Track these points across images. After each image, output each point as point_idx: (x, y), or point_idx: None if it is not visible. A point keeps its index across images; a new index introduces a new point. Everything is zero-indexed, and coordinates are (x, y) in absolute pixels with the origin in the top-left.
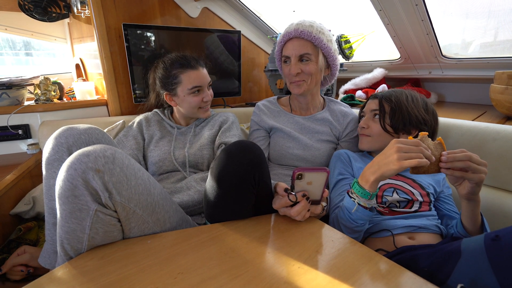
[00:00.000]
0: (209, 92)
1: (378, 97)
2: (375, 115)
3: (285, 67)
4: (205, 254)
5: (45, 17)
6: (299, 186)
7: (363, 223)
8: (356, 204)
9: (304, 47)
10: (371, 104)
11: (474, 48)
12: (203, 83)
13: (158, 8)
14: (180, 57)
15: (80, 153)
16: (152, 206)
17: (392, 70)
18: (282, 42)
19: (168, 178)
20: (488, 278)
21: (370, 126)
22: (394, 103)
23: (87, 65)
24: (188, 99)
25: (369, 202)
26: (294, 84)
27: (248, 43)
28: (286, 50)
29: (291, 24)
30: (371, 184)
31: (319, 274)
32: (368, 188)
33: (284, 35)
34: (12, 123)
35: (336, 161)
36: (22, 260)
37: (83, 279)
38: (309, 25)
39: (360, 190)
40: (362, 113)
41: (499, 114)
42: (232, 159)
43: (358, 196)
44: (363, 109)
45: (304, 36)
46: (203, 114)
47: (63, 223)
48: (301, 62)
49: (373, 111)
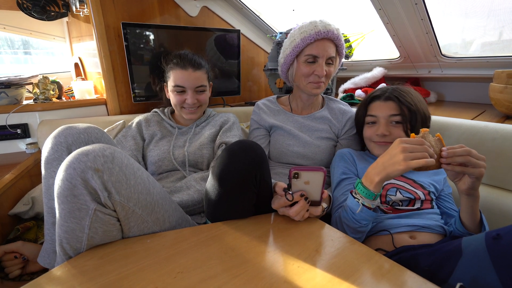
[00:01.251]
0: (197, 95)
1: (394, 100)
2: (394, 121)
3: (305, 66)
4: (205, 253)
5: (43, 16)
6: (297, 186)
7: (367, 224)
8: (360, 204)
9: (333, 49)
10: (385, 108)
11: (474, 47)
12: (187, 85)
13: (157, 7)
14: (178, 55)
15: (79, 152)
16: (152, 205)
17: (391, 69)
18: (310, 39)
19: (168, 177)
20: (490, 277)
21: (392, 133)
22: (411, 105)
23: (86, 64)
24: (172, 95)
25: (373, 202)
26: (315, 85)
27: (247, 42)
28: (315, 49)
29: (313, 21)
30: (376, 185)
31: (319, 273)
32: (373, 189)
33: (317, 32)
34: (11, 122)
35: (339, 160)
36: (14, 246)
37: (82, 278)
38: (335, 28)
39: (364, 191)
40: (372, 119)
41: (498, 113)
42: (234, 158)
43: (362, 197)
44: (372, 114)
45: (335, 39)
46: (186, 115)
47: (62, 223)
48: (326, 64)
49: (392, 116)
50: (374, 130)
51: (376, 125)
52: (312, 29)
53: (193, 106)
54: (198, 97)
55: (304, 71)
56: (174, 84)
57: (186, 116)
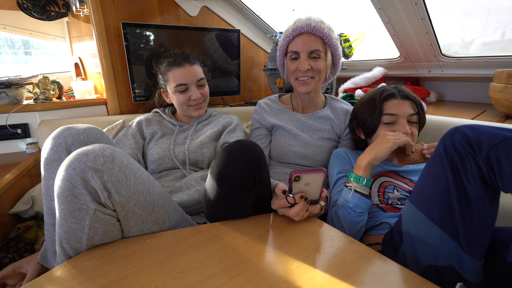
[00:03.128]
0: (199, 90)
1: (411, 98)
2: (412, 121)
3: (291, 63)
4: (205, 253)
5: (44, 16)
6: (297, 188)
7: (362, 213)
8: (352, 190)
9: (315, 43)
10: (404, 106)
11: (474, 47)
12: (188, 81)
13: (157, 7)
14: (169, 55)
15: (79, 153)
16: (152, 205)
17: (391, 69)
18: (290, 36)
19: (167, 175)
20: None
21: (413, 132)
22: (419, 103)
23: (86, 64)
24: (175, 96)
25: (365, 188)
26: (301, 82)
27: (247, 42)
28: (295, 45)
29: (298, 19)
30: (365, 169)
31: (319, 273)
32: (362, 173)
33: (294, 29)
34: (11, 122)
35: (335, 160)
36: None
37: (82, 278)
38: (320, 21)
39: (355, 176)
40: (392, 118)
41: (498, 112)
42: (232, 158)
43: (353, 183)
44: (391, 113)
45: (316, 32)
46: (194, 112)
47: (62, 223)
48: (310, 58)
49: (412, 115)
50: (396, 130)
51: (394, 125)
52: (291, 26)
53: (198, 101)
54: (201, 91)
55: (290, 68)
56: (176, 84)
57: (194, 113)
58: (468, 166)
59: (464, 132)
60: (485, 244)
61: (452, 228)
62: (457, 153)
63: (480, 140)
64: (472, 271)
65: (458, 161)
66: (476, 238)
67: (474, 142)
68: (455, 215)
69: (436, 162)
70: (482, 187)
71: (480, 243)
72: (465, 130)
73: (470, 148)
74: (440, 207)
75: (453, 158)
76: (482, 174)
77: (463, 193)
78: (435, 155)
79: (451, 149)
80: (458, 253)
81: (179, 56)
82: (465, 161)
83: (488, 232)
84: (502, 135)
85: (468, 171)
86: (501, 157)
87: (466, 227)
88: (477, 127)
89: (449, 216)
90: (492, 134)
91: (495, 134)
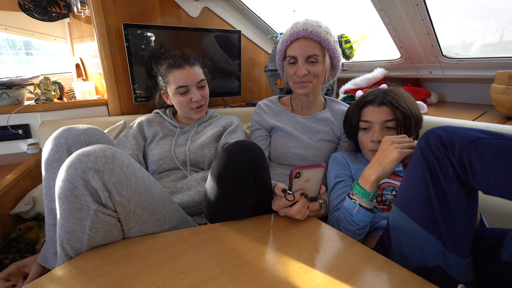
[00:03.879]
0: (200, 91)
1: (388, 105)
2: (388, 127)
3: (289, 68)
4: (206, 254)
5: (45, 16)
6: (297, 185)
7: (365, 225)
8: (357, 205)
9: (312, 48)
10: (379, 113)
11: (475, 48)
12: (188, 82)
13: (158, 8)
14: (169, 56)
15: (80, 153)
16: (152, 206)
17: (392, 70)
18: (288, 41)
19: (168, 176)
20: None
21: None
22: (405, 109)
23: (87, 65)
24: (177, 98)
25: (370, 203)
26: (299, 85)
27: (248, 43)
28: (293, 50)
29: (296, 23)
30: (372, 184)
31: (319, 274)
32: (369, 188)
33: (291, 34)
34: (12, 123)
35: (332, 164)
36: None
37: (83, 279)
38: (317, 25)
39: (361, 191)
40: (366, 124)
41: (499, 114)
42: (233, 158)
43: (359, 197)
44: (366, 120)
45: (313, 37)
46: (195, 114)
47: (63, 223)
48: (308, 63)
49: (386, 121)
50: (369, 137)
51: (370, 132)
52: (289, 30)
53: (199, 103)
54: (201, 92)
55: (288, 72)
56: (176, 86)
57: (195, 116)
58: (444, 167)
59: (438, 133)
60: (469, 242)
61: (435, 228)
62: (433, 154)
63: (453, 140)
64: (459, 270)
65: (435, 162)
66: (459, 237)
67: (447, 143)
68: (436, 215)
69: (415, 164)
70: (459, 186)
71: (463, 241)
72: (438, 131)
73: (444, 149)
74: (423, 208)
75: (430, 159)
76: (457, 173)
77: (441, 193)
78: (414, 158)
79: (427, 151)
80: (443, 252)
81: (179, 58)
82: (441, 161)
83: (470, 230)
84: (473, 135)
85: (444, 171)
86: (472, 156)
87: (448, 226)
88: (450, 128)
89: (431, 216)
90: (464, 135)
91: (467, 134)
